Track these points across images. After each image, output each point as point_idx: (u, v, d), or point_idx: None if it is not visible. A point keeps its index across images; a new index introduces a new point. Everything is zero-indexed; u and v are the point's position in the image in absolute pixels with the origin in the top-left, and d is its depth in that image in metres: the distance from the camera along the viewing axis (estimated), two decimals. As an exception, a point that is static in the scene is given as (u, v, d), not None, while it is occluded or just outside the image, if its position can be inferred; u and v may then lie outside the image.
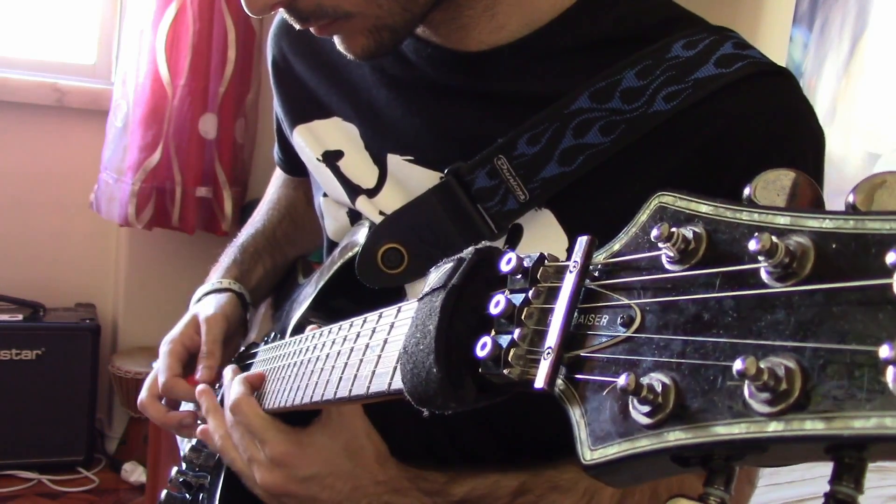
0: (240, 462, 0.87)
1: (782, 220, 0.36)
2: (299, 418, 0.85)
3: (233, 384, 0.91)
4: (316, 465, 0.80)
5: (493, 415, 0.89)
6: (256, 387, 0.92)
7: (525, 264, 0.50)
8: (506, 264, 0.51)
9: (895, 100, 2.20)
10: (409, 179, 0.91)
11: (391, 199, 0.92)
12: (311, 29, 0.83)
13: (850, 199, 0.34)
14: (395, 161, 0.93)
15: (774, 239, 0.34)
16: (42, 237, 2.94)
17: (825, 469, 0.33)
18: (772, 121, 0.76)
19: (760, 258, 0.34)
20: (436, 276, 0.58)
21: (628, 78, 0.78)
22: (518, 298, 0.49)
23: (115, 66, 2.92)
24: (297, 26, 0.83)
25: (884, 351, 0.28)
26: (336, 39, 0.85)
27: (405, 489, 0.82)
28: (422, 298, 0.58)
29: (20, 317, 2.76)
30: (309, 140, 1.02)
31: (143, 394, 1.11)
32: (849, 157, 2.30)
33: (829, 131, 2.42)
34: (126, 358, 2.88)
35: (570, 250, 0.48)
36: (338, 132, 0.99)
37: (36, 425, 2.75)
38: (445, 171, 0.86)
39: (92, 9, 2.94)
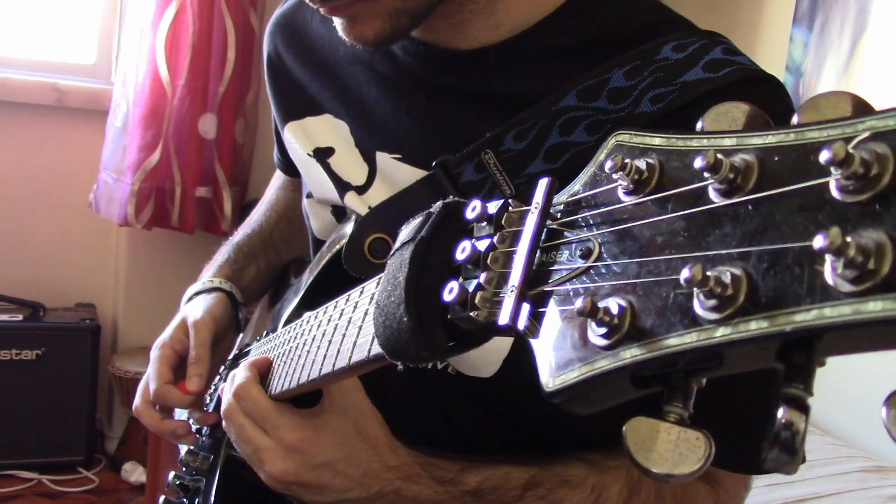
0: (246, 451, 0.84)
1: (728, 141, 0.36)
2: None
3: (238, 369, 0.88)
4: (331, 450, 0.78)
5: (493, 404, 0.90)
6: (263, 372, 0.89)
7: (489, 211, 0.51)
8: (471, 211, 0.52)
9: (895, 100, 2.21)
10: (398, 177, 0.91)
11: (380, 196, 0.92)
12: (323, 10, 0.81)
13: (795, 119, 0.35)
14: (383, 159, 0.93)
15: (719, 155, 0.35)
16: (42, 237, 2.95)
17: (825, 469, 0.33)
18: None
19: (706, 175, 0.35)
20: (405, 231, 0.59)
21: (616, 77, 0.78)
22: (483, 244, 0.50)
23: (115, 66, 2.94)
24: (316, 6, 0.81)
25: (817, 241, 0.29)
26: (345, 24, 0.83)
27: (417, 475, 0.80)
28: (393, 254, 0.59)
29: (20, 317, 2.77)
30: (300, 136, 1.03)
31: (136, 400, 1.10)
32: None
33: (828, 130, 2.41)
34: (126, 358, 2.88)
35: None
36: (329, 129, 1.00)
37: (36, 425, 2.76)
38: (434, 163, 0.86)
39: (92, 9, 2.97)
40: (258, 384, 0.84)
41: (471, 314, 0.48)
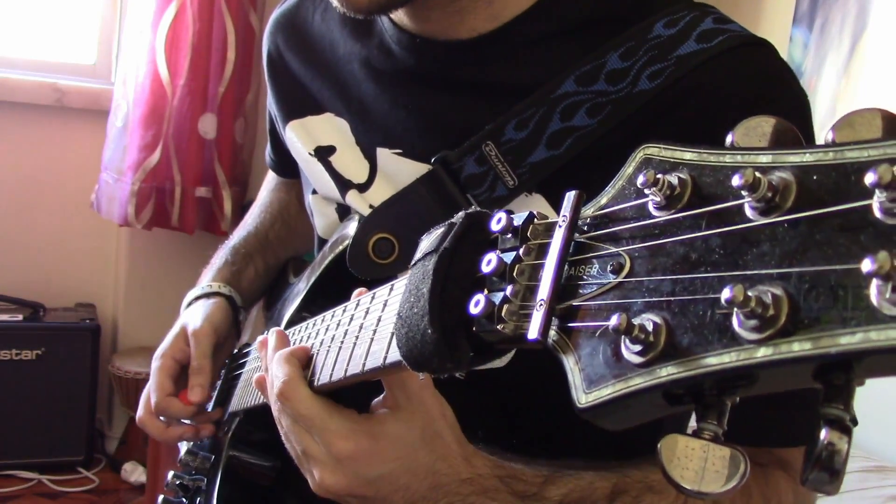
0: (294, 452, 0.75)
1: (764, 158, 0.37)
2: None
3: (274, 365, 0.76)
4: (389, 462, 0.68)
5: (504, 398, 0.90)
6: (304, 362, 0.77)
7: (515, 223, 0.51)
8: (496, 223, 0.52)
9: (895, 100, 2.21)
10: (399, 173, 0.92)
11: (381, 193, 0.93)
12: None
13: (830, 136, 0.35)
14: (384, 155, 0.94)
15: (757, 174, 0.35)
16: (42, 237, 2.94)
17: None
18: (754, 88, 0.78)
19: (744, 193, 0.35)
20: (427, 241, 0.59)
21: (612, 60, 0.79)
22: (509, 256, 0.50)
23: (115, 66, 2.94)
24: None
25: (865, 265, 0.29)
26: None
27: (495, 489, 0.71)
28: (414, 264, 0.59)
29: (20, 317, 2.76)
30: (301, 135, 1.03)
31: (140, 411, 1.11)
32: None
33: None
34: (126, 358, 2.88)
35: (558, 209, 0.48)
36: (330, 128, 1.00)
37: (36, 425, 2.75)
38: (433, 159, 0.86)
39: (92, 9, 2.96)
40: (303, 381, 0.73)
41: (497, 327, 0.48)
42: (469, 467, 0.71)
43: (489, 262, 0.50)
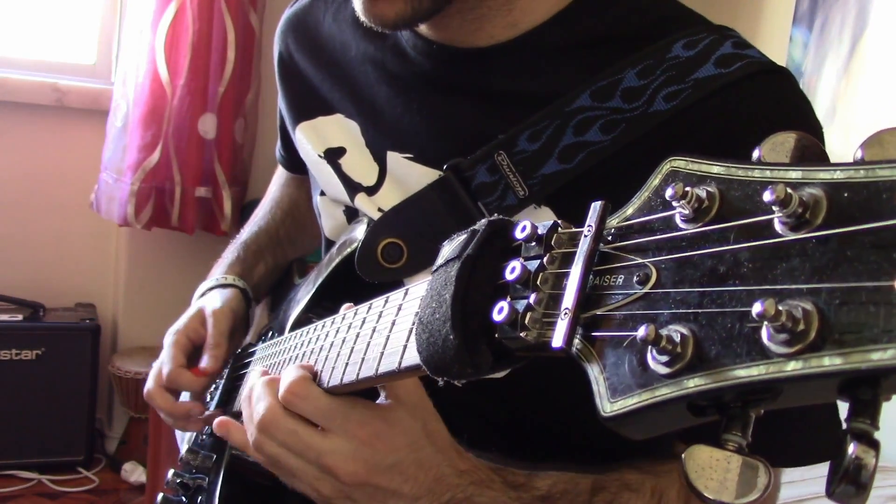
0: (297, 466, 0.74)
1: (794, 174, 0.37)
2: None
3: (287, 369, 0.77)
4: (402, 450, 0.71)
5: (496, 403, 0.90)
6: (311, 370, 0.77)
7: (539, 232, 0.51)
8: (520, 231, 0.52)
9: (895, 100, 2.22)
10: (409, 177, 0.92)
11: (390, 197, 0.93)
12: None
13: (859, 153, 0.36)
14: (394, 159, 0.94)
15: (788, 190, 0.35)
16: (42, 237, 2.94)
17: (825, 469, 0.34)
18: (770, 117, 0.77)
19: (775, 208, 0.36)
20: (449, 247, 0.59)
21: (629, 77, 0.79)
22: (533, 264, 0.50)
23: (115, 66, 2.93)
24: None
25: (899, 283, 0.29)
26: (365, 2, 0.83)
27: (490, 481, 0.74)
28: (436, 270, 0.59)
29: (20, 317, 2.76)
30: (311, 137, 1.03)
31: (149, 383, 1.11)
32: (848, 157, 2.30)
33: (829, 131, 2.44)
34: (126, 358, 2.88)
35: (584, 216, 0.49)
36: (340, 129, 1.00)
37: (36, 425, 2.75)
38: (445, 166, 0.87)
39: (92, 9, 2.95)
40: (311, 381, 0.74)
41: (521, 334, 0.49)
42: (465, 461, 0.74)
43: (513, 270, 0.51)
